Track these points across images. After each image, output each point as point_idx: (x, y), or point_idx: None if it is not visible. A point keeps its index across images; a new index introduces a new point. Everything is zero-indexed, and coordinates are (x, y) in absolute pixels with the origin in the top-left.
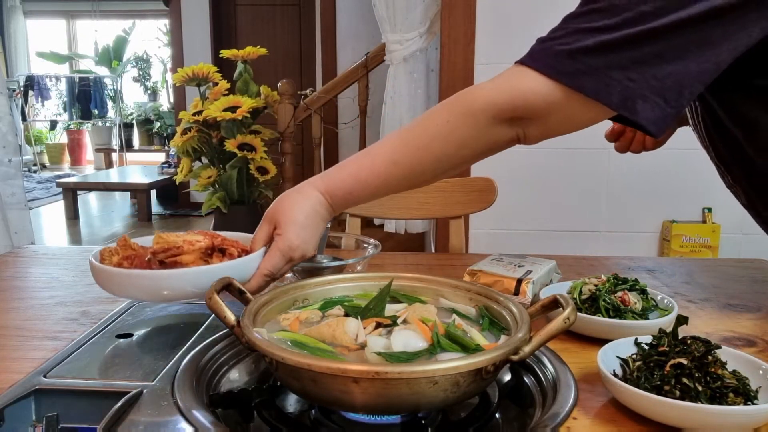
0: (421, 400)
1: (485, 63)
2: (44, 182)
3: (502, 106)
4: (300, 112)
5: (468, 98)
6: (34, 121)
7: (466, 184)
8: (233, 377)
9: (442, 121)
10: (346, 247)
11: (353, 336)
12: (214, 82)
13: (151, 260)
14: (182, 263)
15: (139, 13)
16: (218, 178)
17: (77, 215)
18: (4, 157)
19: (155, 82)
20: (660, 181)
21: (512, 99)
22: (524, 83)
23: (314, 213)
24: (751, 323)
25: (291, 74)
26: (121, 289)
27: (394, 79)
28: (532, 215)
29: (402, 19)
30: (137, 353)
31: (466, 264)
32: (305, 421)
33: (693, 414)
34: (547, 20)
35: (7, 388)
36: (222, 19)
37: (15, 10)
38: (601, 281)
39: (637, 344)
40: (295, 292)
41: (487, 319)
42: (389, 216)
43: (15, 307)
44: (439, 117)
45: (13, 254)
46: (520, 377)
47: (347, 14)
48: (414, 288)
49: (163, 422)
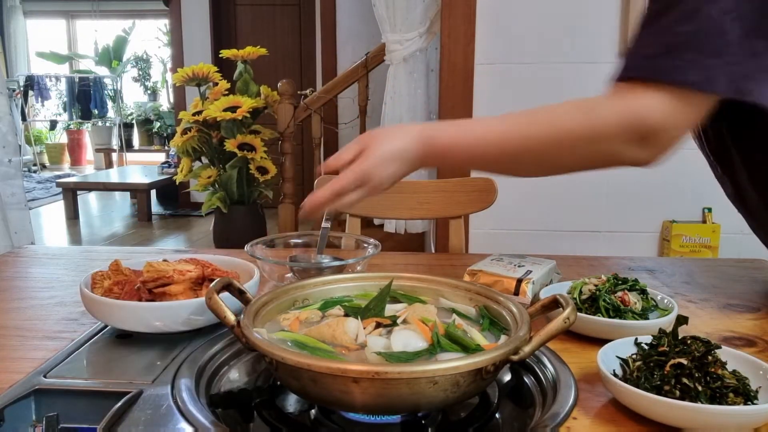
0: (421, 400)
1: (485, 63)
2: (44, 182)
3: (621, 130)
4: (300, 112)
5: (592, 118)
6: (34, 121)
7: (466, 184)
8: (233, 377)
9: (566, 129)
10: (346, 247)
11: (353, 336)
12: (214, 82)
13: (140, 289)
14: (171, 293)
15: (139, 13)
16: (218, 178)
17: (77, 215)
18: (4, 157)
19: (155, 82)
20: (660, 181)
21: (625, 120)
22: (632, 101)
23: (404, 152)
24: (751, 323)
25: (291, 74)
26: (106, 317)
27: (394, 79)
28: (532, 215)
29: (402, 19)
30: (137, 353)
31: (466, 264)
32: (305, 421)
33: (693, 414)
34: (547, 20)
35: (7, 388)
36: (222, 19)
37: (15, 10)
38: (601, 281)
39: (637, 344)
40: (295, 292)
41: (487, 319)
42: (389, 216)
43: (15, 307)
44: (566, 121)
45: (13, 254)
46: (520, 377)
47: (347, 14)
48: (414, 288)
49: (162, 422)
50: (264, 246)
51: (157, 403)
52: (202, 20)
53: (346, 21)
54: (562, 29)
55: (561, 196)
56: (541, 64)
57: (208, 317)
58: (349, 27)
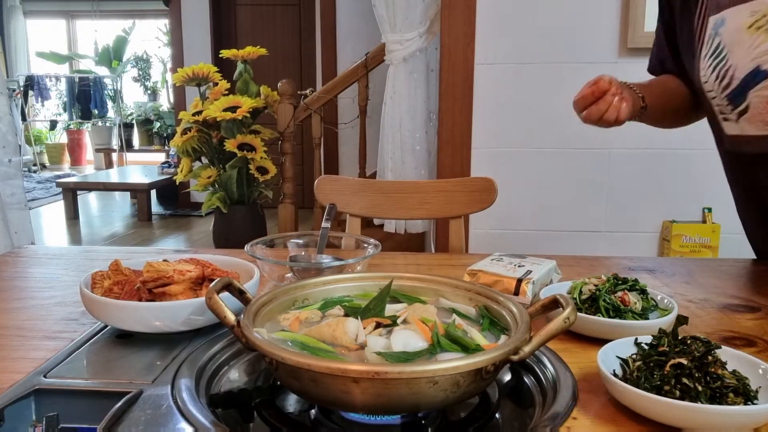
0: (421, 400)
1: (485, 63)
2: (44, 182)
3: None
4: (300, 112)
5: None
6: (34, 121)
7: (466, 184)
8: (233, 377)
9: None
10: (346, 247)
11: (353, 336)
12: (214, 82)
13: (140, 289)
14: (170, 293)
15: (139, 13)
16: (218, 178)
17: (77, 215)
18: (4, 157)
19: (155, 82)
20: (660, 181)
21: None
22: None
23: None
24: (751, 323)
25: (291, 74)
26: (105, 317)
27: (394, 79)
28: (532, 215)
29: (402, 19)
30: (137, 353)
31: (466, 264)
32: (305, 421)
33: (693, 414)
34: (547, 20)
35: (7, 388)
36: (222, 19)
37: (15, 9)
38: (601, 281)
39: (637, 344)
40: (295, 292)
41: (487, 319)
42: (389, 216)
43: (15, 307)
44: None
45: (13, 254)
46: (520, 377)
47: (347, 14)
48: (414, 288)
49: (162, 422)
50: (264, 246)
51: (157, 403)
52: (202, 20)
53: (346, 21)
54: (562, 29)
55: (561, 197)
56: (541, 64)
57: (208, 317)
58: (349, 27)
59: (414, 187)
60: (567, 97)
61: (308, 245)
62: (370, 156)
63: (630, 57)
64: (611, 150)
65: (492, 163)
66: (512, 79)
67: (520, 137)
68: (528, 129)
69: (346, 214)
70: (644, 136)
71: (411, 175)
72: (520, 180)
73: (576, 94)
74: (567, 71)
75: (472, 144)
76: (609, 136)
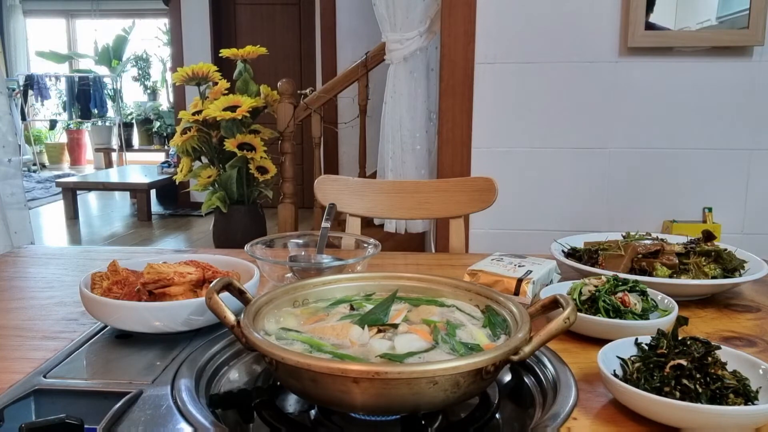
0: (422, 400)
1: (485, 62)
2: (44, 182)
3: None
4: (300, 111)
5: None
6: (34, 120)
7: (466, 184)
8: (233, 377)
9: None
10: (346, 247)
11: (357, 340)
12: (214, 81)
13: (140, 290)
14: (171, 295)
15: (139, 12)
16: (218, 177)
17: (77, 215)
18: (3, 157)
19: (155, 81)
20: (660, 181)
21: None
22: None
23: None
24: (751, 323)
25: (291, 74)
26: (105, 317)
27: (394, 79)
28: (532, 215)
29: (402, 18)
30: (137, 353)
31: (466, 264)
32: (305, 421)
33: (693, 414)
34: (547, 20)
35: (7, 388)
36: (222, 18)
37: (15, 9)
38: (601, 282)
39: (638, 345)
40: (295, 292)
41: (487, 319)
42: (389, 216)
43: (15, 307)
44: None
45: (13, 254)
46: (520, 377)
47: (347, 14)
48: (414, 288)
49: (162, 422)
50: (264, 246)
51: (156, 404)
52: (201, 19)
53: (346, 21)
54: (562, 29)
55: (561, 196)
56: (540, 63)
57: (208, 317)
58: (349, 26)
59: (414, 187)
60: (567, 96)
61: (308, 245)
62: (370, 156)
63: (630, 57)
64: (611, 150)
65: (492, 163)
66: (512, 78)
67: (521, 137)
68: (528, 128)
69: (346, 214)
70: (644, 136)
71: (411, 175)
72: (520, 180)
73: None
74: (567, 71)
75: (472, 144)
76: (609, 136)
